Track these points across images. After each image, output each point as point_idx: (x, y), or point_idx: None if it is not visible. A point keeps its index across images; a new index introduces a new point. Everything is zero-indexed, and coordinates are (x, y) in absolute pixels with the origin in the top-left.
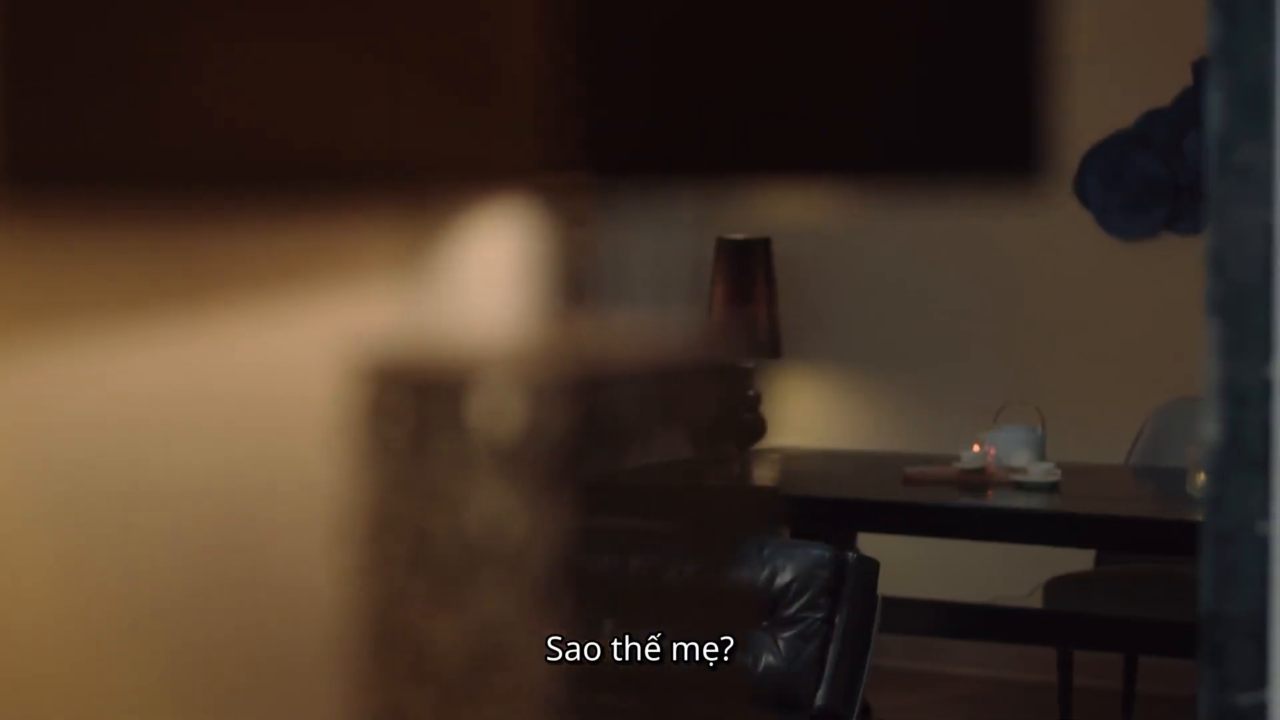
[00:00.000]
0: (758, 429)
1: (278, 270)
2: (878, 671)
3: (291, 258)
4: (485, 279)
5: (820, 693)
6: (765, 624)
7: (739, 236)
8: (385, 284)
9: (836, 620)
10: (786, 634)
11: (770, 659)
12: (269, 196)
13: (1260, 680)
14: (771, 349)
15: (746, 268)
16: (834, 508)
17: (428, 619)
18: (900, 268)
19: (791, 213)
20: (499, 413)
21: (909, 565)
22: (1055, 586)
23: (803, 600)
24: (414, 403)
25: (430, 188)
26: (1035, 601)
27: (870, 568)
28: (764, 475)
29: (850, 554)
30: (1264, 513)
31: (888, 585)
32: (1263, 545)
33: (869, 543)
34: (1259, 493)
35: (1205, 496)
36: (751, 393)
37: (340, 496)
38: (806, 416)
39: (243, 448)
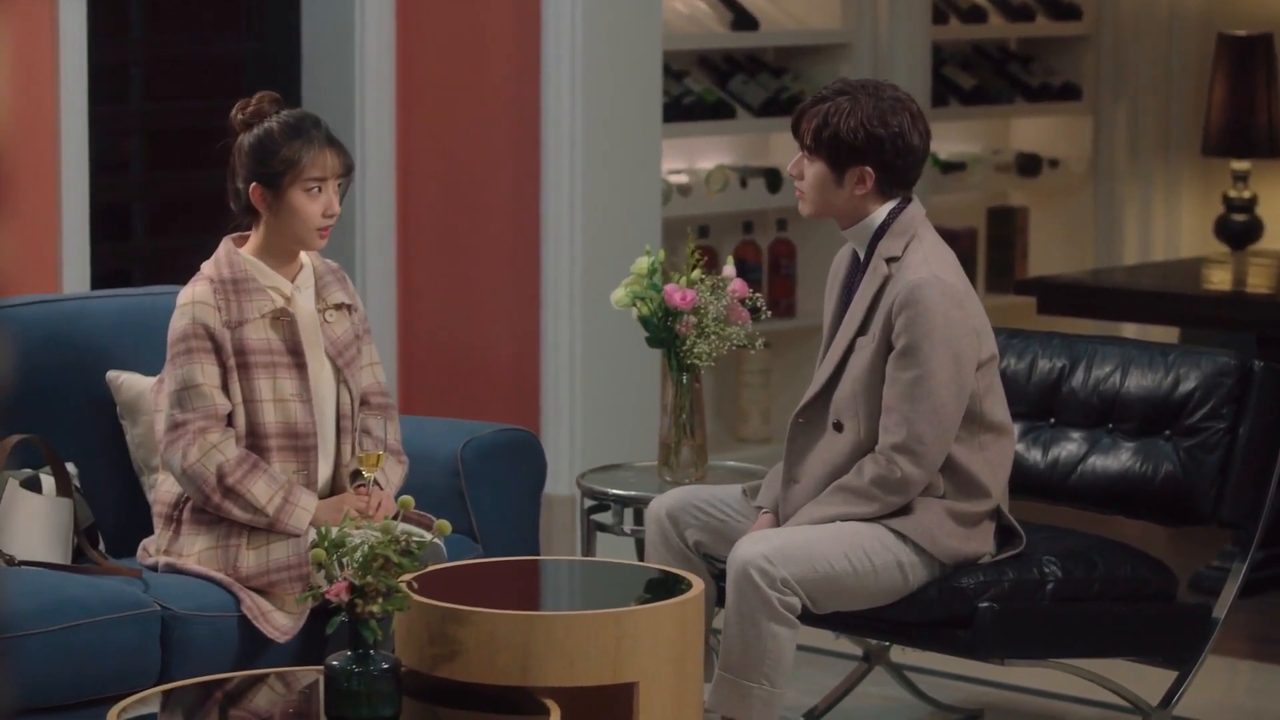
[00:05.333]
0: (1253, 230)
1: None
2: None
3: None
4: None
5: (1221, 505)
6: (1167, 433)
7: (1241, 33)
8: None
9: (1240, 431)
10: (1187, 443)
11: (1169, 468)
12: None
13: None
14: (1270, 148)
15: (1247, 64)
16: None
17: None
18: None
19: None
20: None
21: None
22: None
23: (1205, 409)
24: None
25: None
26: None
27: (1278, 376)
28: (1252, 281)
29: (1257, 362)
30: None
31: None
32: None
33: None
34: None
35: None
36: (1248, 194)
37: None
38: None
39: None
